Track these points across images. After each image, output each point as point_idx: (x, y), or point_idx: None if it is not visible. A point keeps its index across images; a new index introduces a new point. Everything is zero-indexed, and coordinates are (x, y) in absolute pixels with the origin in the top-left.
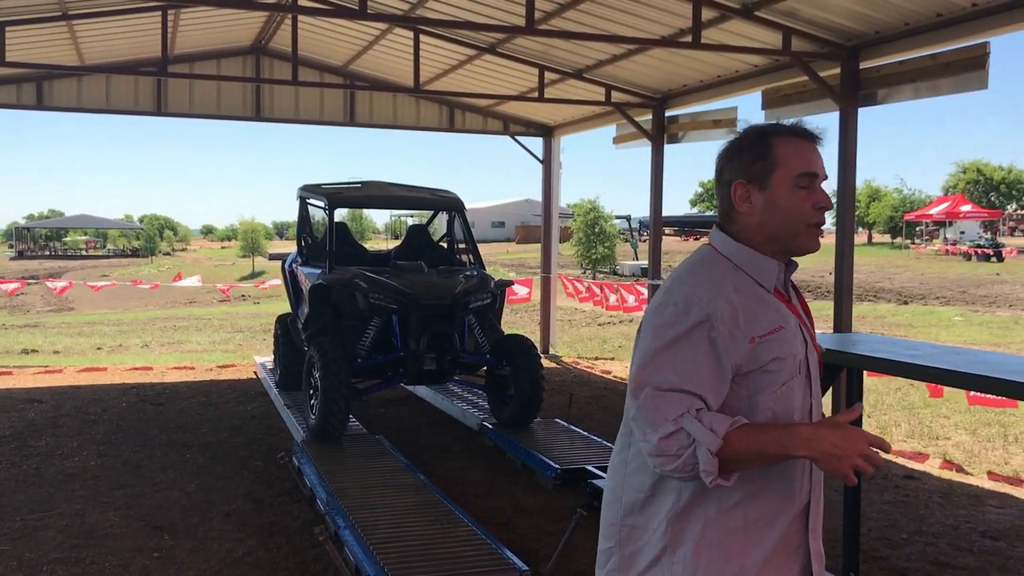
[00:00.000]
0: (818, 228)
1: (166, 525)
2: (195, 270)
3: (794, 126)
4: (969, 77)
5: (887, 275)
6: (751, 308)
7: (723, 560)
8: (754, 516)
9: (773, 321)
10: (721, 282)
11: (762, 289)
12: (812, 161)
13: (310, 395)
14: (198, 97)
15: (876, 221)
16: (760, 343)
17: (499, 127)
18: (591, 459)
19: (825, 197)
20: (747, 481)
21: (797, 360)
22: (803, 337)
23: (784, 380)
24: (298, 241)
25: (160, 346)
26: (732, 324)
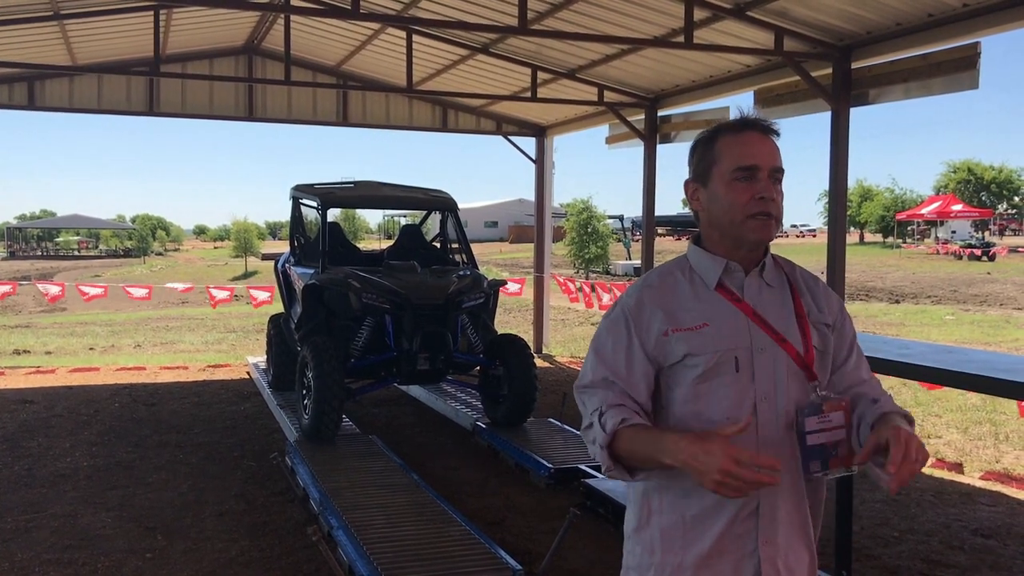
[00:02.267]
0: (762, 218)
1: (159, 526)
2: (188, 270)
3: (740, 120)
4: (960, 77)
5: (879, 274)
6: (674, 303)
7: (664, 551)
8: (691, 514)
9: (697, 318)
10: (654, 279)
11: (703, 287)
12: (751, 154)
13: (303, 395)
14: (191, 97)
15: (868, 221)
16: (672, 336)
17: (492, 127)
18: (584, 459)
19: (767, 188)
20: (682, 477)
21: (726, 357)
22: (750, 334)
23: (703, 377)
24: (291, 241)
25: (153, 346)
26: (648, 317)
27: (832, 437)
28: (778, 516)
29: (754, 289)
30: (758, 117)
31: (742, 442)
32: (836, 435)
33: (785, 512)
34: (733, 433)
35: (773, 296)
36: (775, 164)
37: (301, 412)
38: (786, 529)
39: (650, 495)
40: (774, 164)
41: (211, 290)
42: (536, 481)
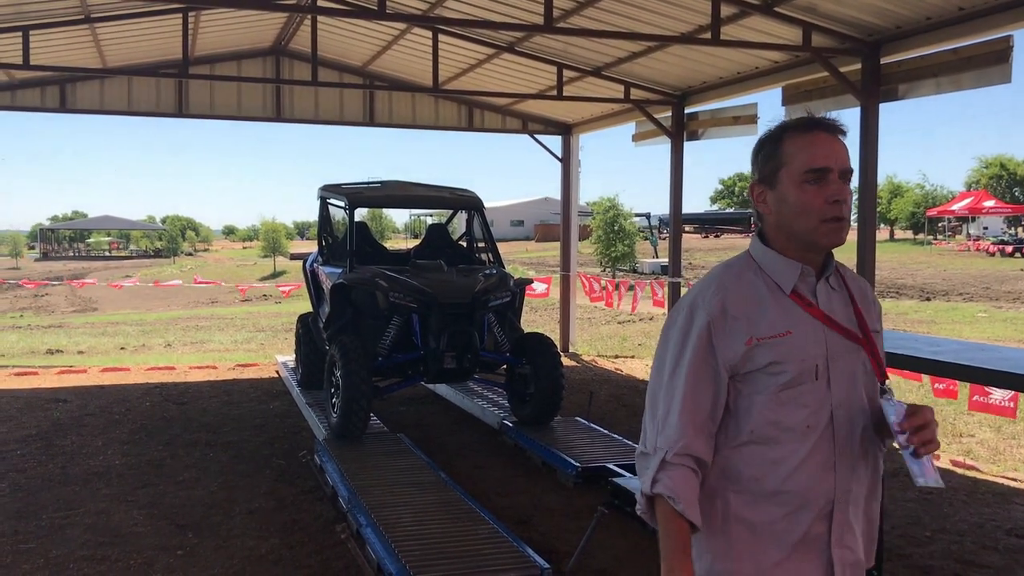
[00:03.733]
0: (836, 222)
1: (190, 523)
2: (217, 270)
3: (807, 120)
4: (992, 71)
5: (909, 271)
6: (755, 310)
7: (736, 559)
8: (762, 520)
9: (778, 325)
10: (730, 283)
11: (779, 292)
12: (821, 156)
13: (331, 394)
14: (219, 98)
15: (898, 217)
16: (758, 345)
17: (518, 126)
18: (612, 457)
19: (840, 190)
20: (752, 484)
21: (808, 366)
22: (825, 342)
23: (786, 385)
24: (319, 241)
25: (183, 346)
26: (731, 324)
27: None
28: (850, 518)
29: (824, 293)
30: (824, 116)
31: (819, 448)
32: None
33: (855, 513)
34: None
35: (839, 300)
36: (846, 165)
37: (329, 410)
38: (857, 530)
39: (720, 499)
40: (845, 165)
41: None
42: (563, 480)
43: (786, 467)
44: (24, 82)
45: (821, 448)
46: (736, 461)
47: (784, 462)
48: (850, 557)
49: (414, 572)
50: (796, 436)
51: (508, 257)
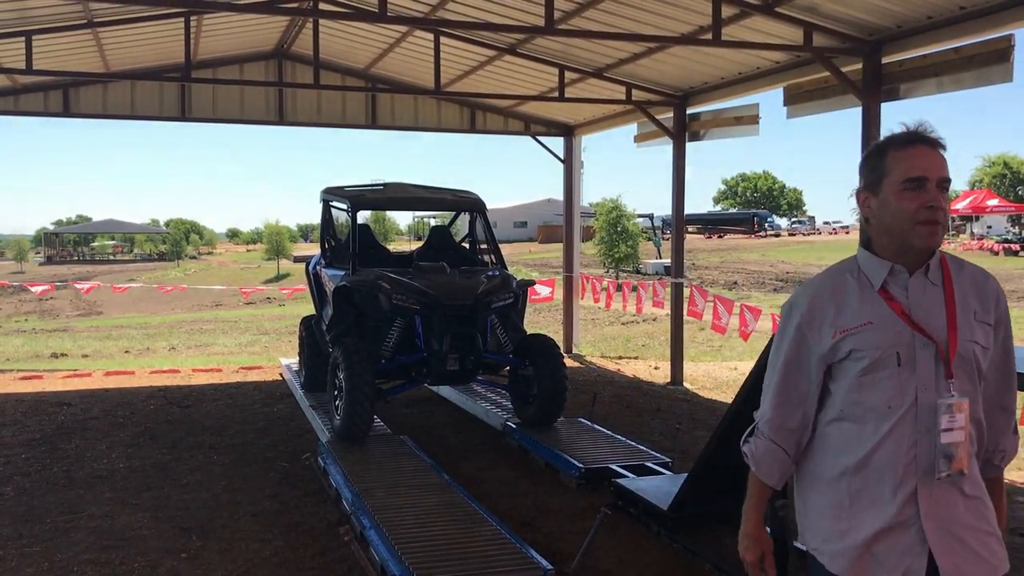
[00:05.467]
0: (928, 225)
1: (194, 526)
2: (221, 273)
3: (909, 134)
4: (993, 70)
5: None
6: (843, 305)
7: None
8: (850, 488)
9: (859, 317)
10: (826, 282)
11: (869, 287)
12: (920, 167)
13: (335, 396)
14: (221, 102)
15: None
16: (843, 337)
17: (520, 127)
18: (615, 458)
19: (935, 197)
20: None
21: (887, 353)
22: (908, 331)
23: (866, 370)
24: (321, 243)
25: (187, 349)
26: (820, 320)
27: (955, 438)
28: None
29: (918, 289)
30: (925, 129)
31: (901, 428)
32: (958, 436)
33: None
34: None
35: (935, 295)
36: (942, 175)
37: (333, 413)
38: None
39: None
40: (941, 175)
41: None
42: (567, 481)
43: (869, 442)
44: (27, 87)
45: (903, 428)
46: (830, 434)
47: (868, 438)
48: (949, 528)
49: (417, 574)
50: (878, 416)
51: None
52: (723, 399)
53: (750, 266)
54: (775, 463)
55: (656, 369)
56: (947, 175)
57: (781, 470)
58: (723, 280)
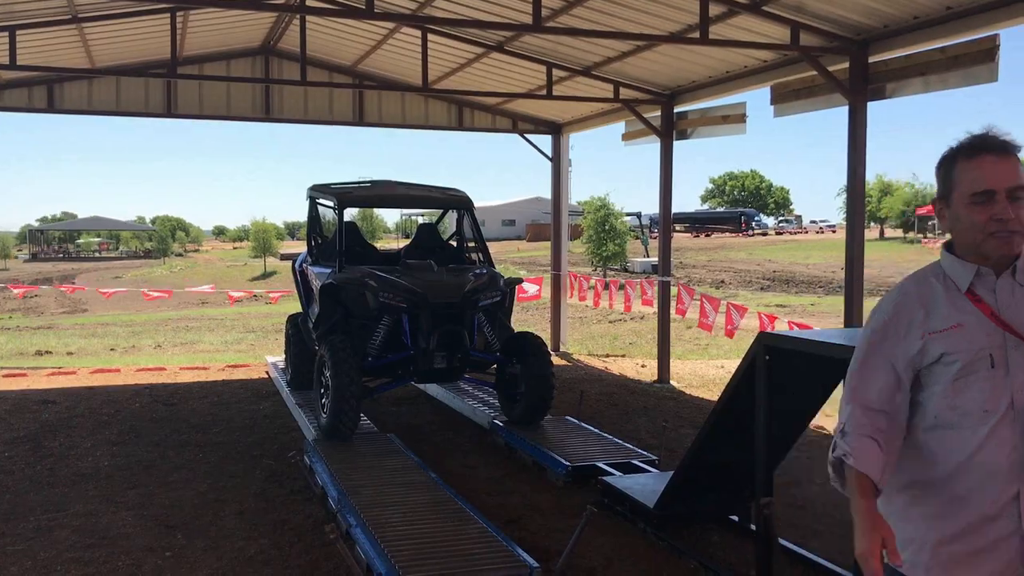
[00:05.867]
0: (1003, 236)
1: (179, 524)
2: (207, 271)
3: (975, 142)
4: (978, 70)
5: (900, 270)
6: (930, 309)
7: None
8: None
9: (948, 320)
10: (912, 287)
11: (956, 290)
12: (985, 179)
13: (321, 394)
14: (208, 98)
15: (888, 215)
16: (931, 339)
17: (508, 125)
18: (602, 456)
19: (1004, 209)
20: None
21: (980, 355)
22: (1003, 333)
23: (959, 373)
24: (308, 241)
25: (173, 347)
26: (907, 322)
27: None
28: None
29: (1006, 291)
30: (994, 135)
31: (1000, 431)
32: None
33: None
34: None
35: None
36: (1012, 184)
37: (319, 411)
38: None
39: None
40: (1011, 184)
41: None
42: (554, 479)
43: (968, 447)
44: (11, 82)
45: (1003, 431)
46: (927, 442)
47: (967, 443)
48: None
49: (403, 572)
50: (975, 420)
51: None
52: (709, 397)
53: (737, 265)
54: (870, 452)
55: (643, 367)
56: (1019, 182)
57: (878, 459)
58: (710, 279)
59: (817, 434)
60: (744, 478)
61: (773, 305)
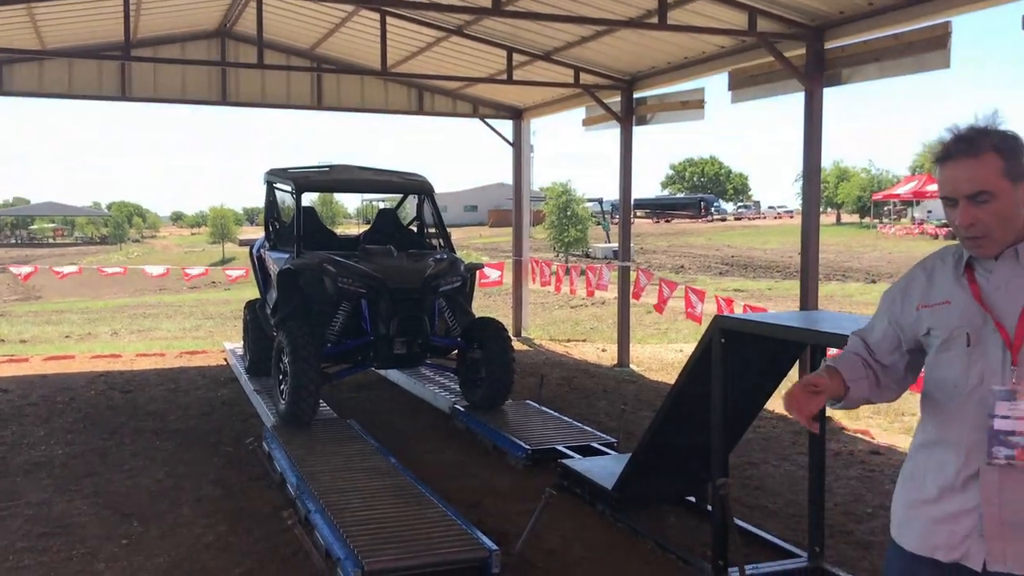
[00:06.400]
0: (971, 240)
1: (135, 512)
2: (164, 257)
3: (940, 148)
4: (931, 56)
5: (855, 255)
6: (933, 283)
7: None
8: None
9: (942, 295)
10: (929, 260)
11: (960, 268)
12: (947, 185)
13: (280, 380)
14: (163, 81)
15: (845, 201)
16: (922, 311)
17: (468, 110)
18: (561, 440)
19: (963, 215)
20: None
21: (958, 332)
22: (981, 314)
23: (940, 348)
24: (266, 226)
25: (129, 334)
26: (914, 291)
27: (1019, 427)
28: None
29: (1004, 273)
30: (959, 137)
31: (969, 408)
32: (1020, 426)
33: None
34: None
35: (1022, 280)
36: (970, 191)
37: (278, 397)
38: (1017, 498)
39: (914, 437)
40: (969, 192)
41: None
42: (513, 462)
43: (940, 421)
44: None
45: (970, 409)
46: (922, 408)
47: (940, 416)
48: (1006, 514)
49: (362, 556)
50: (947, 395)
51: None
52: (668, 380)
53: (696, 250)
54: (851, 360)
55: (603, 352)
56: (979, 188)
57: (856, 366)
58: (670, 264)
59: (772, 416)
60: (701, 460)
61: (731, 289)
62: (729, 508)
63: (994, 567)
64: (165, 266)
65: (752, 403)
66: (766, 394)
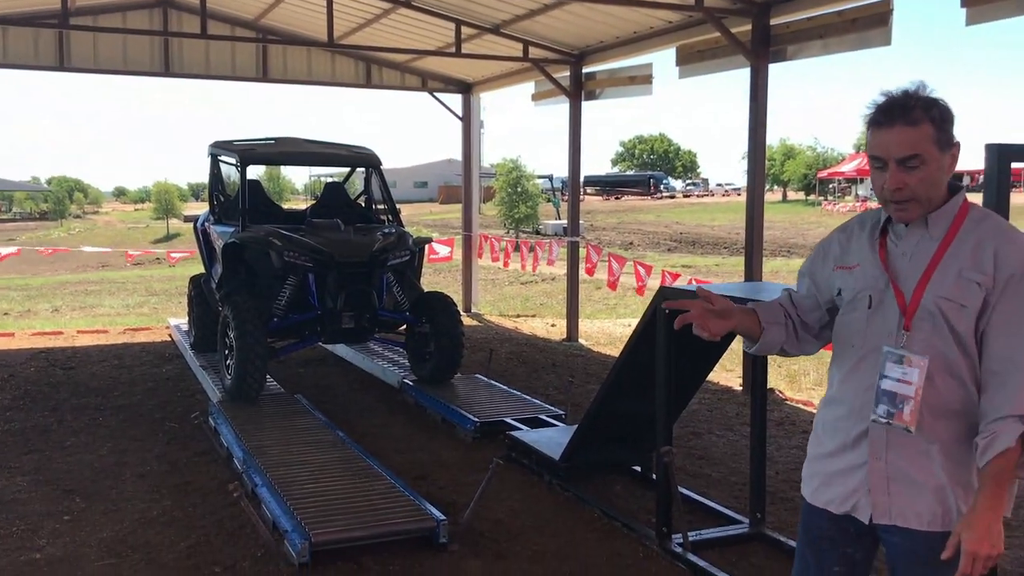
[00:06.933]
0: (895, 204)
1: (77, 488)
2: (107, 233)
3: (875, 108)
4: (872, 33)
5: (800, 231)
6: (851, 243)
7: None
8: (826, 416)
9: (855, 258)
10: (853, 223)
11: (872, 235)
12: (877, 146)
13: (225, 355)
14: (103, 51)
15: (791, 179)
16: (836, 272)
17: (417, 83)
18: (510, 412)
19: (893, 178)
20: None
21: (861, 295)
22: (885, 278)
23: (846, 308)
24: (210, 199)
25: (71, 311)
26: (828, 253)
27: (903, 391)
28: (891, 436)
29: (912, 241)
30: (894, 101)
31: (864, 368)
32: (906, 390)
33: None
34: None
35: (928, 247)
36: (901, 155)
37: (224, 372)
38: (901, 456)
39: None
40: (900, 155)
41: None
42: (462, 435)
43: (839, 376)
44: None
45: (865, 369)
46: (830, 367)
47: (841, 373)
48: (890, 471)
49: (309, 528)
50: (847, 354)
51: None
52: (616, 353)
53: (646, 227)
54: (770, 305)
55: (553, 327)
56: (910, 152)
57: (773, 311)
58: (620, 240)
59: (716, 387)
60: (646, 430)
61: (679, 265)
62: (673, 476)
63: (879, 520)
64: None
65: (696, 373)
66: (709, 364)
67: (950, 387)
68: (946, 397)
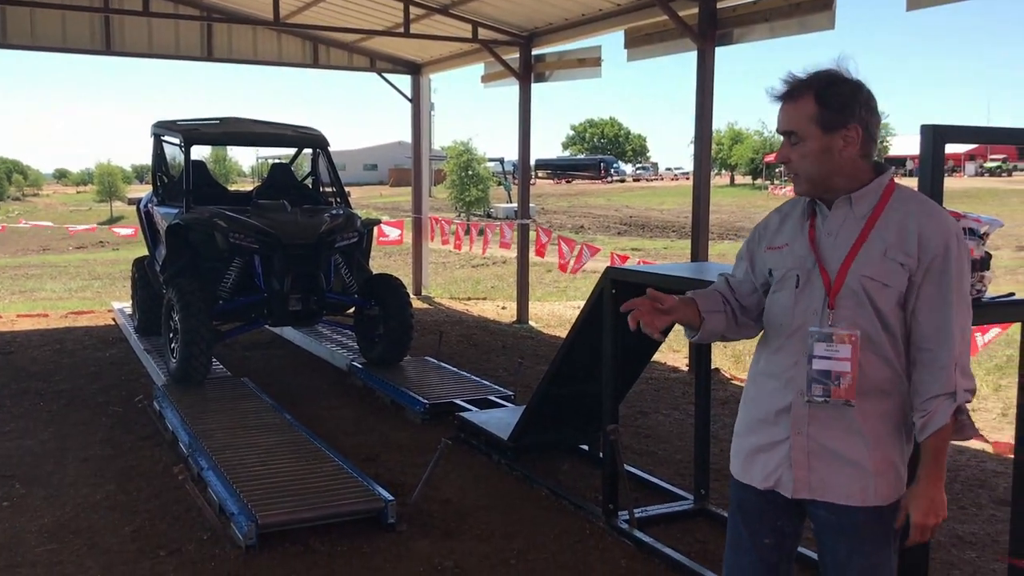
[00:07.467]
0: (791, 177)
1: (17, 474)
2: (48, 216)
3: (772, 92)
4: (816, 18)
5: (747, 215)
6: (783, 224)
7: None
8: (756, 390)
9: (783, 240)
10: (786, 205)
11: (803, 216)
12: (778, 120)
13: (170, 338)
14: (41, 28)
15: (738, 163)
16: (767, 253)
17: (366, 64)
18: (460, 394)
19: (782, 151)
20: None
21: (789, 274)
22: (812, 258)
23: (775, 287)
24: (153, 180)
25: (10, 295)
26: (762, 235)
27: (837, 367)
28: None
29: (837, 220)
30: (784, 82)
31: (791, 345)
32: (841, 366)
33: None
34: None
35: (853, 227)
36: (781, 129)
37: (168, 356)
38: (822, 431)
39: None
40: (780, 129)
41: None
42: (412, 417)
43: (768, 353)
44: None
45: (791, 347)
46: (758, 343)
47: (767, 350)
48: (811, 446)
49: (256, 510)
50: (775, 332)
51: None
52: (565, 335)
53: (596, 211)
54: (709, 294)
55: (503, 309)
56: (785, 128)
57: (711, 299)
58: (570, 224)
59: (663, 367)
60: (593, 410)
61: (628, 248)
62: (619, 453)
63: (799, 495)
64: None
65: (642, 353)
66: (655, 345)
67: (872, 364)
68: (868, 373)
